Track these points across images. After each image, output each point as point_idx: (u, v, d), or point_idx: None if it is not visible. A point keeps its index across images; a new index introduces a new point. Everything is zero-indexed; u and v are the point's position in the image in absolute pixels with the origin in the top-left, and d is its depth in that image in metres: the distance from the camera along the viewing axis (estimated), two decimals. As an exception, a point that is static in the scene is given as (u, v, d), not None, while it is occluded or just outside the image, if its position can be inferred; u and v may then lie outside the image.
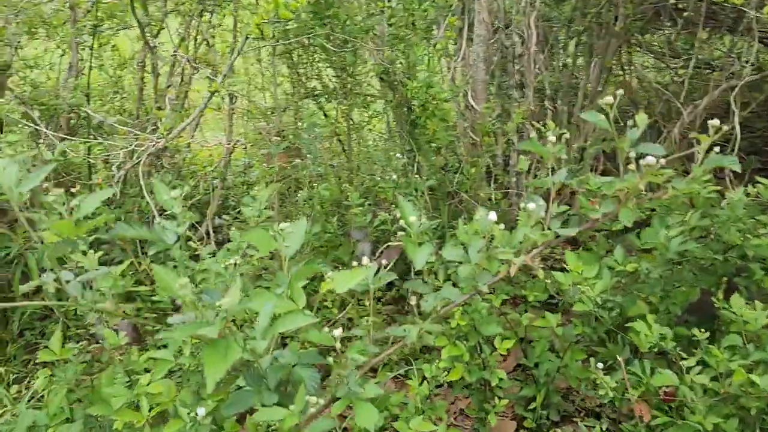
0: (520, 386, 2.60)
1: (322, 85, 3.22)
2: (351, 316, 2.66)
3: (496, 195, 3.76)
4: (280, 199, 3.31)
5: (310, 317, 0.94)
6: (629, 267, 2.26)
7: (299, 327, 0.96)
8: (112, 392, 1.65)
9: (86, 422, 1.79)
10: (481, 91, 3.56)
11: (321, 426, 1.19)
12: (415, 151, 3.18)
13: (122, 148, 2.61)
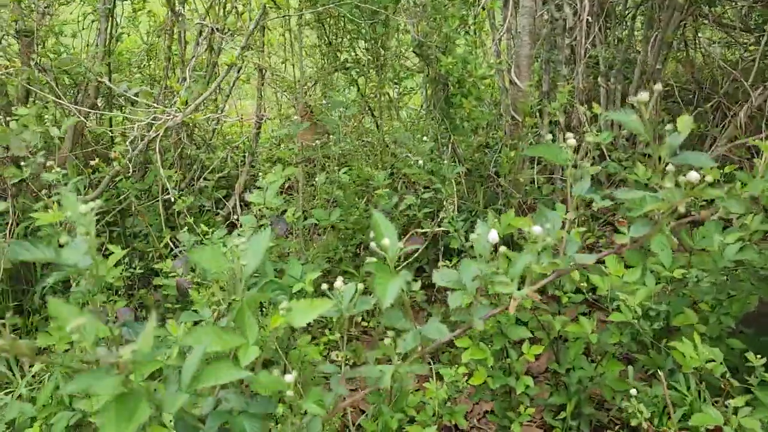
0: (550, 391, 2.40)
1: (354, 58, 3.02)
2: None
3: (539, 179, 3.52)
4: (305, 179, 3.15)
5: (243, 373, 0.77)
6: (677, 273, 2.02)
7: (233, 379, 0.80)
8: (94, 392, 1.53)
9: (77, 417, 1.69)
10: (525, 66, 3.29)
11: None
12: (449, 130, 2.97)
13: (138, 121, 2.48)
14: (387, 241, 0.89)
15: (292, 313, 0.82)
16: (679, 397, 2.18)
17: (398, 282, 0.86)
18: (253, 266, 0.86)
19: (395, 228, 2.56)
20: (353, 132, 3.20)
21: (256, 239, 0.88)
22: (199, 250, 0.83)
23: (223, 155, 3.55)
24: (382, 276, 0.86)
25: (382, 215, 0.95)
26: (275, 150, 3.48)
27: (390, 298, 0.82)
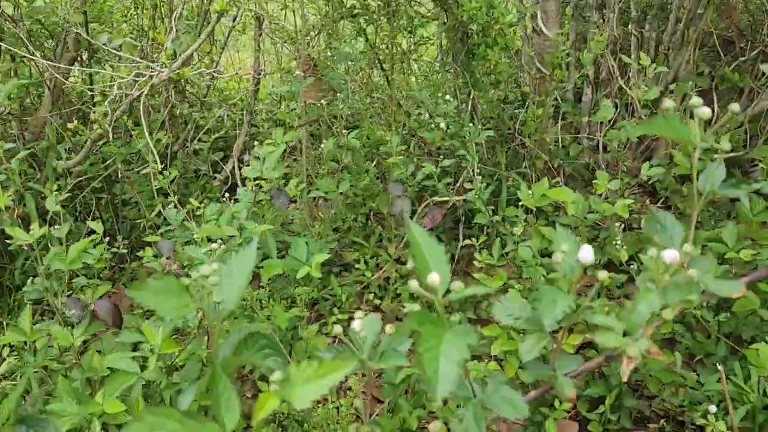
0: (586, 381, 2.15)
1: (362, 3, 2.67)
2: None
3: (564, 138, 3.21)
4: (310, 142, 2.85)
5: None
6: (743, 254, 1.74)
7: None
8: (57, 410, 1.28)
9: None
10: (554, 12, 2.94)
11: None
12: (470, 85, 2.64)
13: (119, 78, 2.17)
14: (436, 278, 0.60)
15: (290, 386, 0.54)
16: (737, 392, 1.93)
17: (457, 350, 0.57)
18: (232, 304, 0.59)
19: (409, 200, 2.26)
20: (362, 88, 2.88)
21: (235, 264, 0.60)
22: (144, 286, 0.55)
23: (219, 114, 3.23)
24: (431, 336, 0.57)
25: (423, 232, 0.66)
26: (276, 108, 3.17)
27: (446, 383, 0.53)
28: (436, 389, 0.53)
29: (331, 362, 0.57)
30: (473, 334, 0.58)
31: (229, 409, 0.56)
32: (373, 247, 2.84)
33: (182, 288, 0.57)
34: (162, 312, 0.56)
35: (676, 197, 2.86)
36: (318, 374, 0.56)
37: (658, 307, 0.59)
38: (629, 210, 2.49)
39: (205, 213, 1.85)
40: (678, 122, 0.65)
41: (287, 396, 0.55)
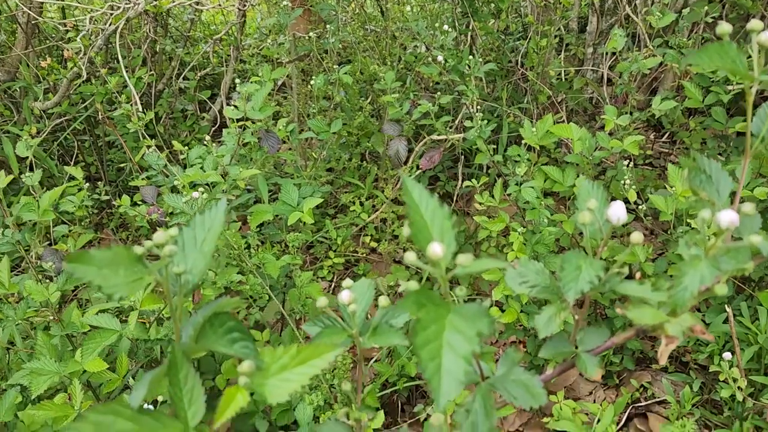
0: (588, 322, 2.10)
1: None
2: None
3: (568, 71, 3.06)
4: (300, 78, 2.70)
5: None
6: (758, 193, 1.64)
7: None
8: (36, 368, 1.21)
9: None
10: (558, -66, 2.74)
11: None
12: (469, 15, 2.49)
13: (91, 11, 2.02)
14: (438, 250, 0.50)
15: (262, 377, 0.45)
16: (743, 332, 1.88)
17: (464, 340, 0.47)
18: (197, 275, 0.49)
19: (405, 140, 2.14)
20: (354, 20, 2.71)
21: (200, 227, 0.50)
22: (85, 258, 0.45)
23: (205, 50, 3.07)
24: (430, 323, 0.47)
25: (423, 191, 0.56)
26: (263, 42, 3.00)
27: (451, 384, 0.44)
28: (438, 392, 0.44)
29: (313, 347, 0.48)
30: (485, 317, 0.48)
31: (193, 402, 0.47)
32: (369, 188, 2.74)
33: (134, 259, 0.48)
34: (109, 288, 0.46)
35: (683, 132, 2.75)
36: (297, 361, 0.47)
37: (710, 279, 0.49)
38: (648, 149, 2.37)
39: (189, 156, 1.74)
40: (735, 51, 0.53)
41: (258, 389, 0.46)
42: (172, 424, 0.45)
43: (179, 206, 1.30)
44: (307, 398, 1.55)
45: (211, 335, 0.48)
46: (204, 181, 1.63)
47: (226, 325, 0.48)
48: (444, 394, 0.44)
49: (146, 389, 0.45)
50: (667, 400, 1.92)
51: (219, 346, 0.48)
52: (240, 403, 0.45)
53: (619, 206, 0.57)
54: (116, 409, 0.45)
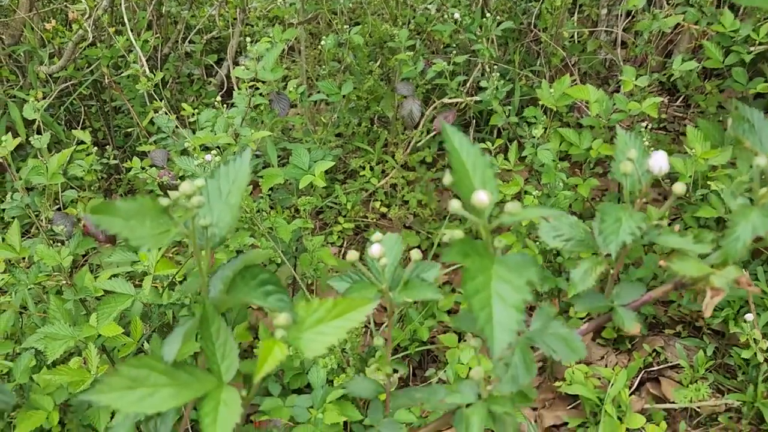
0: (600, 287, 2.08)
1: None
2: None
3: (580, 32, 2.99)
4: (309, 41, 2.65)
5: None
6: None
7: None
8: (51, 332, 1.20)
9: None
10: None
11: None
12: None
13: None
14: (484, 197, 0.48)
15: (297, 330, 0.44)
16: (760, 297, 1.86)
17: (513, 290, 0.45)
18: (224, 228, 0.47)
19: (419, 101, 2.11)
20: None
21: (225, 178, 0.48)
22: (110, 208, 0.43)
23: (211, 12, 3.01)
24: (478, 272, 0.45)
25: (464, 138, 0.54)
26: (271, 3, 2.94)
27: (504, 333, 0.42)
28: (492, 341, 0.43)
29: (348, 300, 0.46)
30: (531, 266, 0.46)
31: (226, 356, 0.46)
32: (379, 152, 2.71)
33: (160, 210, 0.46)
34: (136, 241, 0.44)
35: (699, 96, 2.70)
36: (333, 314, 0.46)
37: (763, 228, 0.47)
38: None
39: (199, 119, 1.71)
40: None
41: (294, 342, 0.44)
42: (206, 378, 0.44)
43: (191, 169, 1.28)
44: (321, 362, 1.55)
45: (242, 287, 0.46)
46: (215, 144, 1.60)
47: (259, 278, 0.46)
48: (498, 343, 0.42)
49: (179, 343, 0.43)
50: (679, 364, 1.92)
51: (252, 298, 0.46)
52: (278, 357, 0.44)
53: (661, 156, 0.55)
54: (150, 363, 0.43)
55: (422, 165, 2.72)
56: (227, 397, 0.44)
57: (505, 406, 0.57)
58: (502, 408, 0.57)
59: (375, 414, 0.63)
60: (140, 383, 0.43)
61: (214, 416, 0.43)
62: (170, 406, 0.43)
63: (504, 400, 0.57)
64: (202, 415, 0.43)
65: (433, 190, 2.69)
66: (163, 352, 0.44)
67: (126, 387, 0.43)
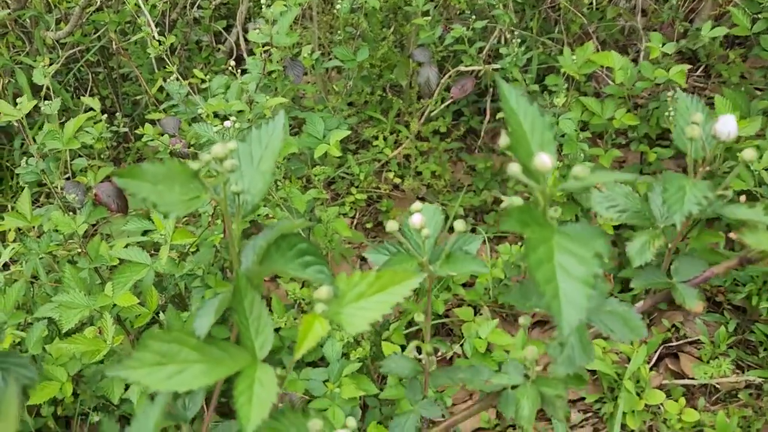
0: (619, 263, 2.05)
1: None
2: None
3: (599, 0, 2.91)
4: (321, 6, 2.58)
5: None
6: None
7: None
8: (66, 301, 1.17)
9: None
10: None
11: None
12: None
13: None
14: (547, 161, 0.43)
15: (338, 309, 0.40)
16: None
17: (578, 262, 0.40)
18: (257, 195, 0.43)
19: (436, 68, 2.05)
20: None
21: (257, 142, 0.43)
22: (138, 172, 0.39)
23: (219, -23, 2.94)
24: (539, 243, 0.41)
25: (521, 98, 0.49)
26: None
27: (572, 309, 0.38)
28: (560, 318, 0.39)
29: (391, 273, 0.42)
30: (599, 237, 0.42)
31: (261, 331, 0.42)
32: (392, 122, 2.66)
33: (189, 175, 0.42)
34: (165, 206, 0.41)
35: (722, 65, 2.62)
36: (374, 288, 0.42)
37: None
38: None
39: (210, 86, 1.66)
40: None
41: (334, 317, 0.41)
42: (240, 354, 0.40)
43: (210, 135, 1.24)
44: (337, 334, 1.52)
45: (278, 258, 0.43)
46: (227, 111, 1.56)
47: (297, 248, 0.42)
48: (566, 321, 0.39)
49: (212, 317, 0.40)
50: (699, 340, 1.89)
51: (289, 269, 0.42)
52: (319, 333, 0.40)
53: (730, 120, 0.51)
54: (181, 337, 0.40)
55: (436, 135, 2.66)
56: (262, 375, 0.41)
57: (557, 389, 0.53)
58: (553, 390, 0.54)
59: (413, 393, 0.59)
60: (171, 359, 0.40)
61: (248, 395, 0.40)
62: (201, 384, 0.40)
63: (556, 382, 0.54)
64: (236, 394, 0.40)
65: (447, 161, 2.65)
66: (195, 326, 0.41)
67: (156, 363, 0.40)
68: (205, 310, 0.42)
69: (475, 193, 2.48)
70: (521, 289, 0.59)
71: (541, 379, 0.56)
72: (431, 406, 0.59)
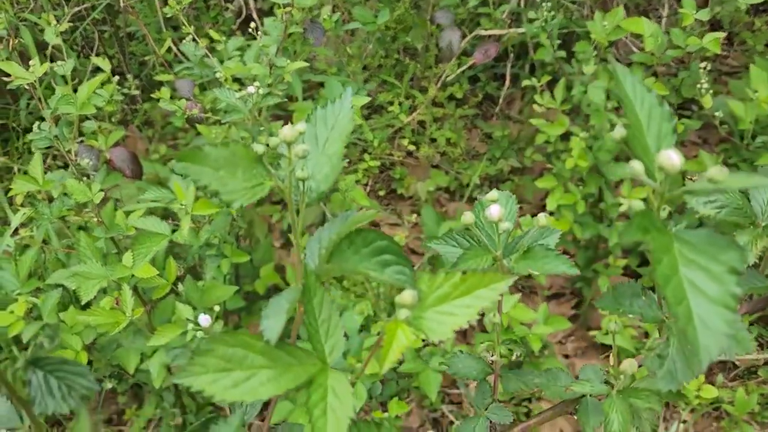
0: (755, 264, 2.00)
1: None
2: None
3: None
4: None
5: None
6: None
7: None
8: (83, 271, 1.14)
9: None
10: None
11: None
12: None
13: None
14: (676, 160, 0.38)
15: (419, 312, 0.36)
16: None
17: (709, 278, 0.35)
18: (325, 183, 0.39)
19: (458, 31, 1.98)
20: None
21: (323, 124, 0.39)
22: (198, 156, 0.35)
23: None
24: (662, 252, 0.36)
25: (638, 85, 0.43)
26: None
27: (709, 338, 0.33)
28: (697, 349, 0.34)
29: (479, 275, 0.38)
30: (731, 248, 0.37)
31: (331, 333, 0.38)
32: (406, 87, 2.59)
33: (253, 159, 0.37)
34: (227, 194, 0.36)
35: (746, 33, 2.55)
36: (461, 291, 0.38)
37: None
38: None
39: (227, 48, 1.60)
40: None
41: (415, 322, 0.37)
42: (309, 359, 0.37)
43: (231, 101, 1.18)
44: (357, 308, 1.50)
45: (351, 256, 0.38)
46: (244, 76, 1.50)
47: (375, 245, 0.38)
48: (704, 351, 0.34)
49: (283, 317, 0.36)
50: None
51: (365, 269, 0.38)
52: (403, 343, 0.37)
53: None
54: (246, 341, 0.36)
55: (451, 101, 2.60)
56: (336, 384, 0.37)
57: (650, 402, 0.50)
58: (645, 403, 0.50)
59: (481, 397, 0.56)
60: (237, 364, 0.36)
61: (323, 407, 0.36)
62: (270, 393, 0.36)
63: (648, 395, 0.50)
64: (309, 405, 0.36)
65: (462, 128, 2.59)
66: (263, 328, 0.37)
67: (221, 369, 0.37)
68: (273, 309, 0.38)
69: (491, 161, 2.43)
70: (614, 294, 0.55)
71: (630, 389, 0.52)
72: (500, 411, 0.55)
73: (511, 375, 0.58)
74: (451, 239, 0.53)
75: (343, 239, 0.40)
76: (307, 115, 0.43)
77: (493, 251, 0.51)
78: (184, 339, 1.05)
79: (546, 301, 2.02)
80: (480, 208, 0.52)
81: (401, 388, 1.62)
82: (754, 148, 1.58)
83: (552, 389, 0.56)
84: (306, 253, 0.42)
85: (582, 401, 0.55)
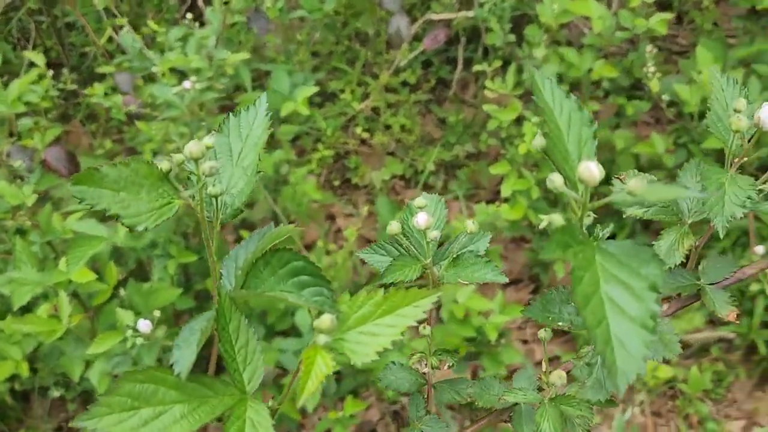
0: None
1: None
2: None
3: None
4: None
5: None
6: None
7: None
8: (18, 278, 1.08)
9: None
10: None
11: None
12: None
13: None
14: (595, 170, 0.35)
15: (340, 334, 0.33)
16: None
17: (629, 294, 0.33)
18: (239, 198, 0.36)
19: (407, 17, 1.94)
20: None
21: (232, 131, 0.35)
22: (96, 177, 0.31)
23: None
24: (583, 268, 0.32)
25: (557, 90, 0.41)
26: None
27: (627, 360, 0.30)
28: (613, 371, 0.32)
29: (401, 293, 0.36)
30: (651, 261, 0.35)
31: (249, 360, 0.35)
32: (358, 73, 2.54)
33: (158, 177, 0.34)
34: (131, 219, 0.33)
35: (695, 12, 2.57)
36: (383, 309, 0.35)
37: None
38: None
39: (167, 38, 1.53)
40: None
41: (336, 344, 0.34)
42: (226, 390, 0.34)
43: (168, 98, 1.13)
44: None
45: (266, 277, 0.35)
46: (185, 68, 1.44)
47: (291, 266, 0.35)
48: (621, 375, 0.32)
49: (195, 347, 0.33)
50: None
51: (281, 291, 0.35)
52: (323, 372, 0.34)
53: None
54: (155, 375, 0.33)
55: (405, 87, 2.57)
56: (254, 415, 0.35)
57: (581, 410, 0.48)
58: (576, 411, 0.48)
59: (415, 410, 0.54)
60: (145, 401, 0.33)
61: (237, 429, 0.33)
62: (184, 431, 0.33)
63: (579, 402, 0.48)
64: (227, 429, 0.33)
65: (417, 114, 2.56)
66: (174, 360, 0.34)
67: (128, 407, 0.33)
68: (184, 338, 0.35)
69: (446, 147, 2.41)
70: (543, 302, 0.53)
71: (561, 397, 0.50)
72: (435, 423, 0.53)
73: (444, 385, 0.57)
74: (380, 248, 0.50)
75: (259, 259, 0.37)
76: (219, 125, 0.39)
77: (422, 260, 0.48)
78: (125, 346, 1.01)
79: (504, 288, 2.02)
80: (408, 215, 0.49)
81: (359, 383, 1.60)
82: (702, 130, 1.60)
83: (485, 398, 0.54)
84: (222, 273, 0.39)
85: (515, 409, 0.54)
